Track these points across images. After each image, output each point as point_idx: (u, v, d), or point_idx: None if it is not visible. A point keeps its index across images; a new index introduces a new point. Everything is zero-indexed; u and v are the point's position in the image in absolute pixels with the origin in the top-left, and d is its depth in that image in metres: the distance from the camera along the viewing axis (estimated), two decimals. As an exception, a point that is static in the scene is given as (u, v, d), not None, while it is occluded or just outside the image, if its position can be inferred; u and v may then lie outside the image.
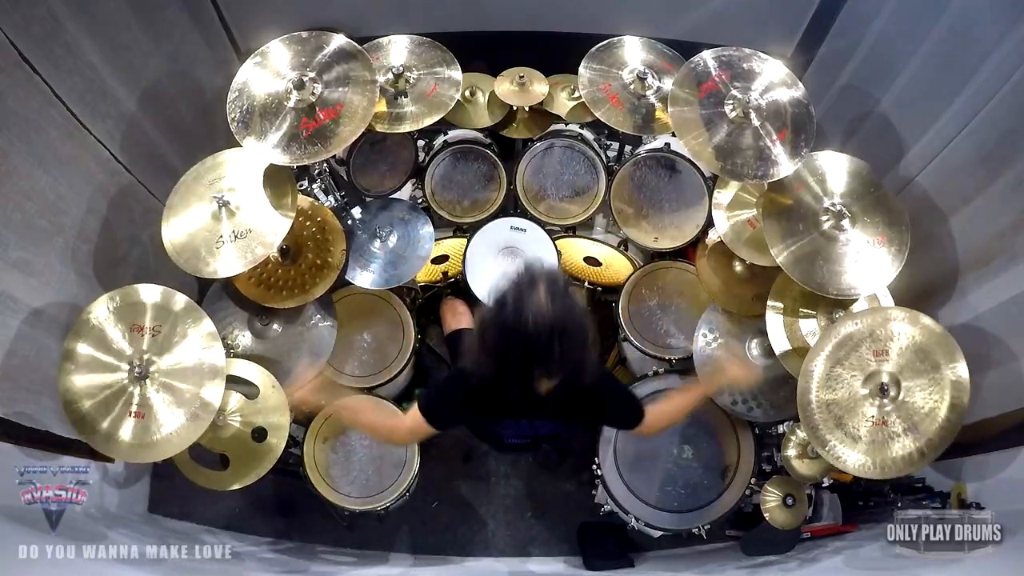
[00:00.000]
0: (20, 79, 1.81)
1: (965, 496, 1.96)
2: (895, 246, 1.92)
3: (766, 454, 2.22)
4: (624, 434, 2.27)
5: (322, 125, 1.94)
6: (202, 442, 1.93)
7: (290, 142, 1.95)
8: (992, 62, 1.91)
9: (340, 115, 1.96)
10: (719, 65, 2.07)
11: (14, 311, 1.90)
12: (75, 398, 1.84)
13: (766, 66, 2.09)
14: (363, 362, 2.39)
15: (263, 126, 1.96)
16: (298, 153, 1.94)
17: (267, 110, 1.97)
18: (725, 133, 1.98)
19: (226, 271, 1.92)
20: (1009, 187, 1.94)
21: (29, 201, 1.91)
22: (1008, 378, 1.96)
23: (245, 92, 1.99)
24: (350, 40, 2.04)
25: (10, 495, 1.74)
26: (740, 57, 2.09)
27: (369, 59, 2.05)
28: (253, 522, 2.71)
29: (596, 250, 2.55)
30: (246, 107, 1.98)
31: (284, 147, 1.95)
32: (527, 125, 2.49)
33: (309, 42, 2.04)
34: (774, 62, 2.10)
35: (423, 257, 2.29)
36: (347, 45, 2.04)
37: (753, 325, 2.19)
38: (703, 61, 2.09)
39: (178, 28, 2.42)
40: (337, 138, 1.95)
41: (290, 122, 1.96)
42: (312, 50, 2.04)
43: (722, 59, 2.09)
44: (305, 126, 1.94)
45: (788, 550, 2.20)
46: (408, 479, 2.22)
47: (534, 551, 2.69)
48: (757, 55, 2.10)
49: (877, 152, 2.36)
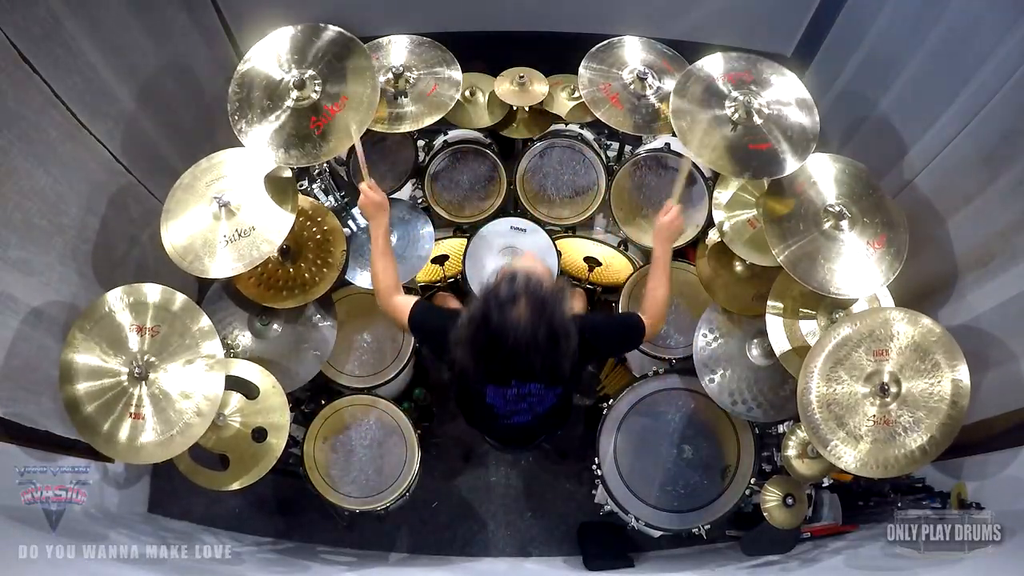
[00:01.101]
0: (20, 79, 1.81)
1: (965, 496, 1.97)
2: (895, 247, 1.92)
3: (766, 454, 2.22)
4: (624, 434, 2.27)
5: (332, 120, 1.93)
6: (202, 442, 1.93)
7: (303, 142, 1.92)
8: (992, 62, 1.91)
9: (347, 106, 1.94)
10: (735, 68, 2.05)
11: (14, 311, 1.90)
12: (78, 402, 1.84)
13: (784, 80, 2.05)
14: (363, 362, 2.39)
15: (273, 135, 1.93)
16: (313, 152, 1.91)
17: (266, 110, 1.95)
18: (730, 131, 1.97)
19: (227, 271, 1.92)
20: (1009, 187, 1.94)
21: (29, 201, 1.92)
22: (1008, 378, 1.97)
23: (245, 91, 1.97)
24: (340, 30, 2.01)
25: (10, 495, 1.75)
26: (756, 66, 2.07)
27: (361, 45, 2.01)
28: (253, 522, 2.72)
29: (596, 250, 2.55)
30: (246, 110, 1.96)
31: (291, 147, 1.92)
32: (527, 125, 2.49)
33: (299, 37, 2.01)
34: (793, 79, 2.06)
35: (423, 257, 2.29)
36: (338, 36, 2.01)
37: (753, 325, 2.19)
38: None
39: (178, 28, 2.43)
40: (344, 132, 1.92)
41: (296, 123, 1.93)
42: (304, 45, 2.00)
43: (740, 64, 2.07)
44: (315, 124, 1.93)
45: (788, 550, 2.21)
46: (408, 479, 2.22)
47: (534, 551, 2.69)
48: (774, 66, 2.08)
49: (877, 152, 2.36)
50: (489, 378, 1.68)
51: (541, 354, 1.49)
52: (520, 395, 1.72)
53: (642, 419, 2.30)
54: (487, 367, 1.61)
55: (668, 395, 2.31)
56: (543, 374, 1.60)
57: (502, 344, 1.48)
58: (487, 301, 1.51)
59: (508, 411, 1.78)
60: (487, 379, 1.69)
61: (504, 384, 1.69)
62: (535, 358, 1.49)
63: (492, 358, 1.54)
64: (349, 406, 2.30)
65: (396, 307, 1.78)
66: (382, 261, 1.85)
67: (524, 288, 1.48)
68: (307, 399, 2.40)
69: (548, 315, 1.48)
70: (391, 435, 2.29)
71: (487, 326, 1.49)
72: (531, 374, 1.61)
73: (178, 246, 1.94)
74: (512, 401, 1.74)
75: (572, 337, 1.53)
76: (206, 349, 1.90)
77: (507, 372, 1.62)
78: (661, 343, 2.40)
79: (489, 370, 1.64)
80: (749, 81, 2.02)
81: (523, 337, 1.45)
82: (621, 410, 2.29)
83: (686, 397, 2.30)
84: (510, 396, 1.72)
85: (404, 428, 2.28)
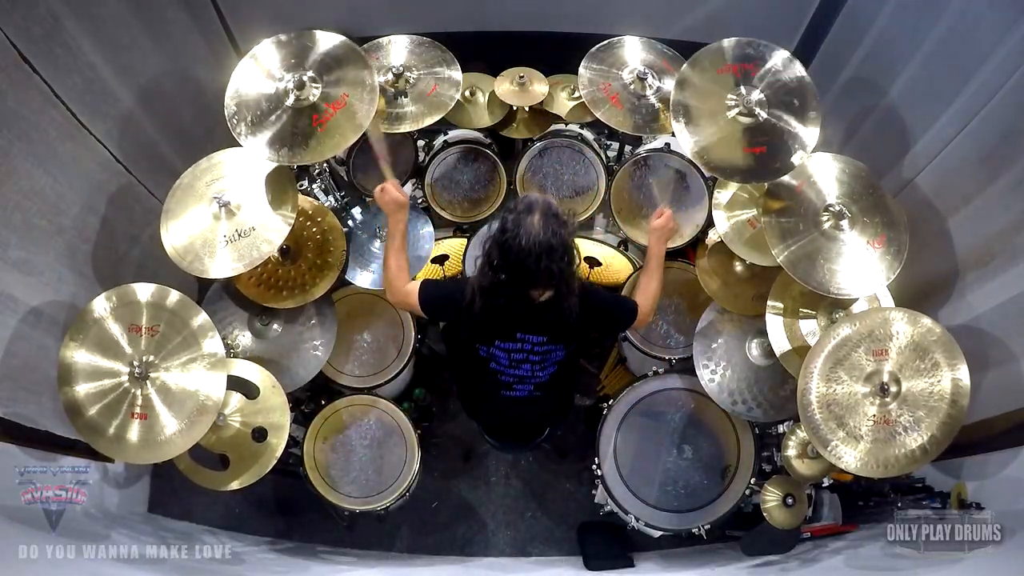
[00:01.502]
0: (20, 79, 1.81)
1: (965, 496, 1.97)
2: (895, 246, 1.92)
3: (766, 454, 2.21)
4: (624, 434, 2.27)
5: (335, 117, 1.93)
6: (202, 442, 1.93)
7: (306, 139, 1.92)
8: (992, 62, 1.91)
9: (348, 104, 1.94)
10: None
11: (14, 311, 1.90)
12: (79, 404, 1.83)
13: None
14: (363, 362, 2.39)
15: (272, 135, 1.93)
16: (316, 150, 1.92)
17: (265, 111, 1.95)
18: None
19: (228, 272, 1.92)
20: (1009, 187, 1.94)
21: (29, 201, 1.92)
22: (1008, 378, 1.97)
23: (243, 96, 1.97)
24: (338, 36, 2.01)
25: (10, 495, 1.75)
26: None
27: (360, 53, 2.01)
28: (253, 522, 2.72)
29: (596, 250, 2.55)
30: (247, 112, 1.95)
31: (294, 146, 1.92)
32: (527, 125, 2.49)
33: (294, 43, 2.01)
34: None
35: (423, 257, 2.28)
36: (336, 44, 2.01)
37: (753, 325, 2.19)
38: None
39: (178, 28, 2.43)
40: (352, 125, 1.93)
41: (300, 122, 1.93)
42: (301, 50, 2.00)
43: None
44: (318, 123, 1.93)
45: (788, 550, 2.21)
46: (408, 479, 2.22)
47: (534, 551, 2.69)
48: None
49: (877, 152, 2.36)
50: (496, 318, 1.77)
51: (549, 257, 1.63)
52: (523, 351, 1.83)
53: (642, 419, 2.30)
54: (497, 283, 1.71)
55: (668, 395, 2.31)
56: (544, 278, 1.68)
57: (514, 244, 1.63)
58: (505, 213, 1.70)
59: (510, 375, 1.89)
60: (494, 332, 1.80)
61: (509, 338, 1.80)
62: (543, 261, 1.63)
63: (503, 264, 1.67)
64: (349, 406, 2.30)
65: (407, 295, 1.85)
66: (397, 258, 1.89)
67: (540, 204, 1.67)
68: (307, 399, 2.40)
69: (559, 226, 1.65)
70: (391, 435, 2.29)
71: (503, 232, 1.66)
72: (537, 280, 1.69)
73: (178, 246, 1.94)
74: (516, 361, 1.85)
75: (575, 254, 1.72)
76: (206, 346, 1.90)
77: (519, 272, 1.67)
78: (661, 343, 2.40)
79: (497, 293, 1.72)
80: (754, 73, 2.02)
81: (535, 238, 1.61)
82: (621, 410, 2.29)
83: (686, 397, 2.30)
84: (514, 353, 1.83)
85: (404, 428, 2.28)
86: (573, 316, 1.74)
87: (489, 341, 1.84)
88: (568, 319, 1.75)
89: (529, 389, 1.94)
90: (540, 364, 1.88)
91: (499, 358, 1.86)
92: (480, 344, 1.86)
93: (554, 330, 1.81)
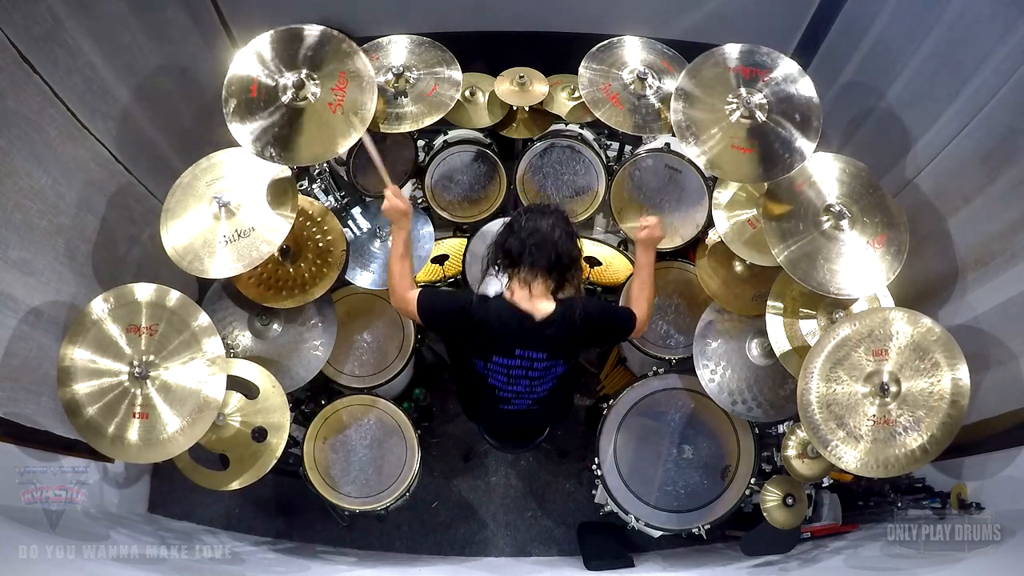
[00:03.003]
0: (20, 79, 1.81)
1: (965, 496, 1.96)
2: (895, 246, 1.92)
3: (766, 454, 2.22)
4: (624, 434, 2.27)
5: (348, 98, 1.93)
6: (202, 442, 1.93)
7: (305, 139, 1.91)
8: (992, 62, 1.91)
9: (349, 80, 1.95)
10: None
11: (14, 311, 1.90)
12: (78, 404, 1.83)
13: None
14: (363, 362, 2.39)
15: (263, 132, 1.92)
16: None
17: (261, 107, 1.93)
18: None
19: (228, 272, 1.92)
20: (1009, 187, 1.94)
21: (29, 201, 1.92)
22: (1008, 378, 1.97)
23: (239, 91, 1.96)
24: (323, 27, 2.00)
25: (10, 495, 1.74)
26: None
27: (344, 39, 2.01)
28: (253, 522, 2.72)
29: (596, 250, 2.55)
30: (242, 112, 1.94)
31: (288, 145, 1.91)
32: (527, 125, 2.49)
33: (284, 39, 1.99)
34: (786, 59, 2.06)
35: (423, 257, 2.29)
36: (322, 34, 1.99)
37: (753, 325, 2.19)
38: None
39: (178, 28, 2.43)
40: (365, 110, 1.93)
41: (296, 121, 1.92)
42: (292, 47, 1.98)
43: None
44: (332, 109, 1.93)
45: (788, 550, 2.20)
46: (408, 479, 2.22)
47: (534, 551, 2.69)
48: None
49: (877, 152, 2.36)
50: (494, 334, 1.77)
51: (555, 250, 1.69)
52: (522, 367, 1.82)
53: (642, 419, 2.30)
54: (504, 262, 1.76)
55: (668, 395, 2.31)
56: (543, 265, 1.71)
57: (522, 231, 1.71)
58: (516, 215, 1.79)
59: (508, 391, 1.88)
60: (492, 348, 1.80)
61: (507, 355, 1.79)
62: (549, 251, 1.69)
63: (511, 247, 1.72)
64: (349, 406, 2.30)
65: (408, 303, 1.85)
66: (401, 265, 1.89)
67: (553, 209, 1.77)
68: (307, 399, 2.40)
69: (569, 233, 1.74)
70: (391, 435, 2.29)
71: (512, 228, 1.74)
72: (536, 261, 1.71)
73: (178, 246, 1.94)
74: (514, 377, 1.83)
75: (581, 265, 1.80)
76: (206, 345, 1.90)
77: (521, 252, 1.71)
78: (661, 343, 2.40)
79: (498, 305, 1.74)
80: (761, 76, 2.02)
81: (543, 230, 1.69)
82: (621, 410, 2.29)
83: (686, 397, 2.30)
84: (512, 370, 1.82)
85: (404, 428, 2.28)
86: (573, 330, 1.74)
87: (487, 357, 1.83)
88: (568, 333, 1.75)
89: (527, 403, 1.94)
90: (539, 380, 1.87)
91: (497, 374, 1.85)
92: (477, 359, 1.85)
93: (554, 346, 1.80)
